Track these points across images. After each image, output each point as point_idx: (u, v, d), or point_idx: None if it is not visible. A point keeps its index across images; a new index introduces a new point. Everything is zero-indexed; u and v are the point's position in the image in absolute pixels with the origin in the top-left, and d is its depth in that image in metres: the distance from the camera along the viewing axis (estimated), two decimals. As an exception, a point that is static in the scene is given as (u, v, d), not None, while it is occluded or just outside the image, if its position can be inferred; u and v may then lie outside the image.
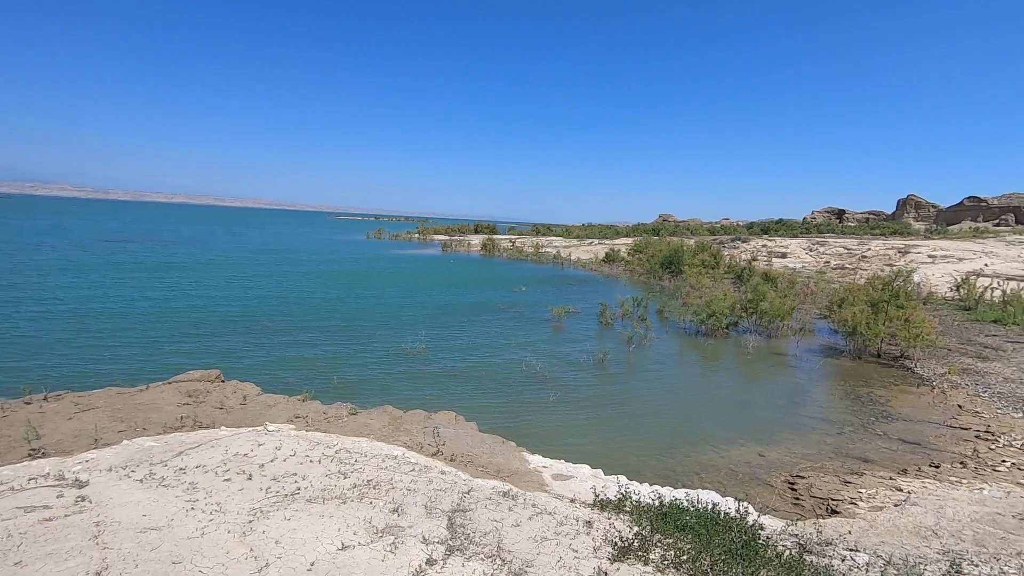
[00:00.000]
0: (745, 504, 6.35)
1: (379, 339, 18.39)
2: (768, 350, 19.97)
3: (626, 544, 5.17)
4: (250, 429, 7.90)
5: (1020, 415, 12.74)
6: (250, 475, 6.06)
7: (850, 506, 8.25)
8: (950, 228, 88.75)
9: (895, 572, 5.12)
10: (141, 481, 5.78)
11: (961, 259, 43.08)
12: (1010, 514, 6.33)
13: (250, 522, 4.98)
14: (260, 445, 7.03)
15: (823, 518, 8.20)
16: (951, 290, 30.35)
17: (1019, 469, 9.90)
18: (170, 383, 10.66)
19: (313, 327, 19.65)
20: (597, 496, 6.76)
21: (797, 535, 6.00)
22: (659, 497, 6.95)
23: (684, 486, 9.21)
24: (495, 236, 68.53)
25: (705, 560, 4.87)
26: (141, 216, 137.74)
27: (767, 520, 6.78)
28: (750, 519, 5.93)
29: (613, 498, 6.82)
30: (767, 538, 5.56)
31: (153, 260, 38.51)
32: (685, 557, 4.92)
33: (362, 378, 14.25)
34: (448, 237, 71.89)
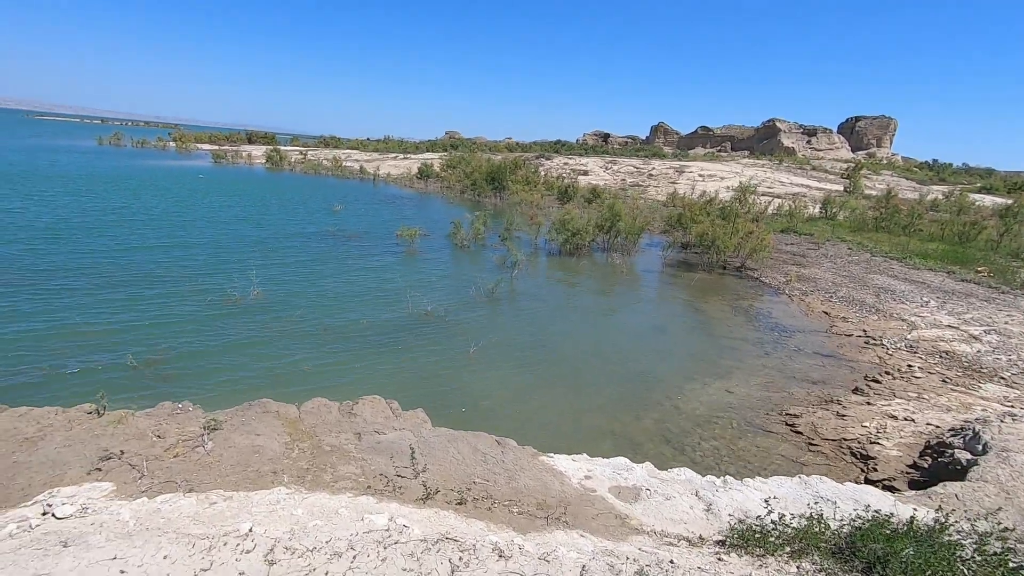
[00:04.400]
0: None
1: (178, 283, 12.60)
2: (635, 268, 19.68)
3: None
4: None
5: (875, 317, 14.22)
6: None
7: (875, 446, 7.50)
8: (689, 152, 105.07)
9: None
10: None
11: (723, 178, 50.32)
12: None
13: None
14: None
15: (859, 467, 7.32)
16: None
17: (930, 373, 10.62)
18: None
19: (56, 271, 12.66)
20: (736, 528, 4.41)
21: (974, 531, 4.56)
22: (772, 501, 4.93)
23: (699, 453, 7.52)
24: (281, 147, 57.47)
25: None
26: None
27: (892, 500, 5.32)
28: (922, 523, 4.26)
29: (733, 521, 4.58)
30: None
31: None
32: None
33: (178, 348, 9.12)
34: (218, 147, 57.93)
